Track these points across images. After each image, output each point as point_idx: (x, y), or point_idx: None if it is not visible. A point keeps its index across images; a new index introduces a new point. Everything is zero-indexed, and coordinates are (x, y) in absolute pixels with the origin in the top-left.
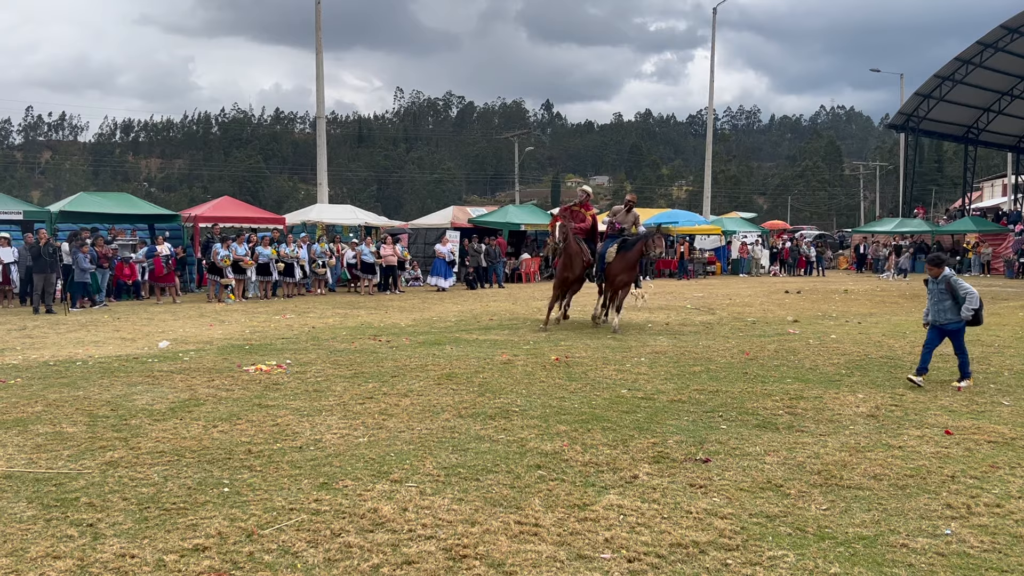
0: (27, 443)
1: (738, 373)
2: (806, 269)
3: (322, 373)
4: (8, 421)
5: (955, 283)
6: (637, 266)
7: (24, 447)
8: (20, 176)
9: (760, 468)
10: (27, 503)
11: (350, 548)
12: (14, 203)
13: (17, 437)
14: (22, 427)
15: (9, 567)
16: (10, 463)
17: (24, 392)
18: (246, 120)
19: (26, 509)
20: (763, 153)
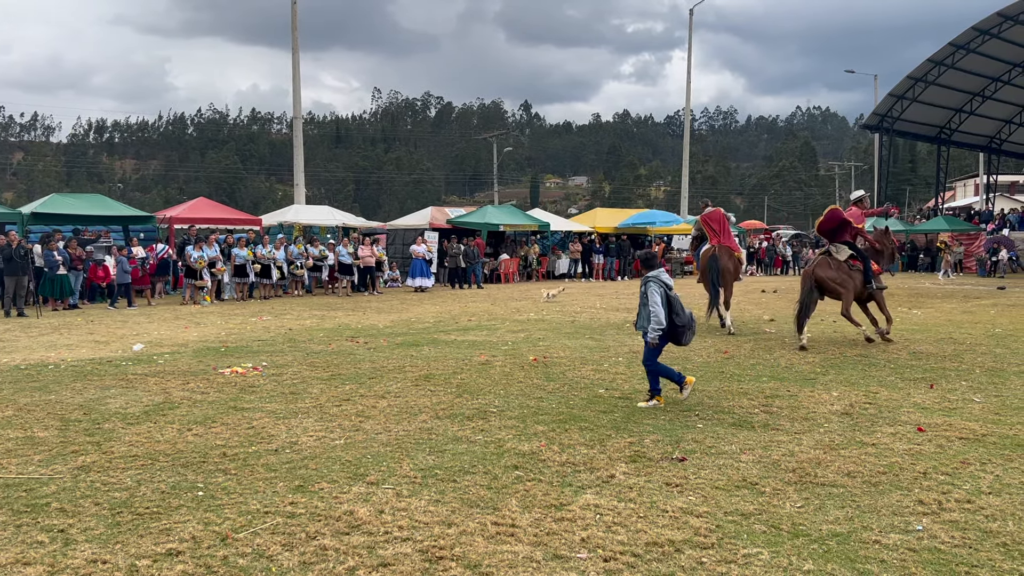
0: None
1: (715, 372)
2: (782, 268)
3: (299, 375)
4: None
5: (648, 292)
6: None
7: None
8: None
9: (736, 466)
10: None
11: (326, 551)
12: None
13: None
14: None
15: None
16: None
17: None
18: (222, 121)
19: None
20: (740, 153)
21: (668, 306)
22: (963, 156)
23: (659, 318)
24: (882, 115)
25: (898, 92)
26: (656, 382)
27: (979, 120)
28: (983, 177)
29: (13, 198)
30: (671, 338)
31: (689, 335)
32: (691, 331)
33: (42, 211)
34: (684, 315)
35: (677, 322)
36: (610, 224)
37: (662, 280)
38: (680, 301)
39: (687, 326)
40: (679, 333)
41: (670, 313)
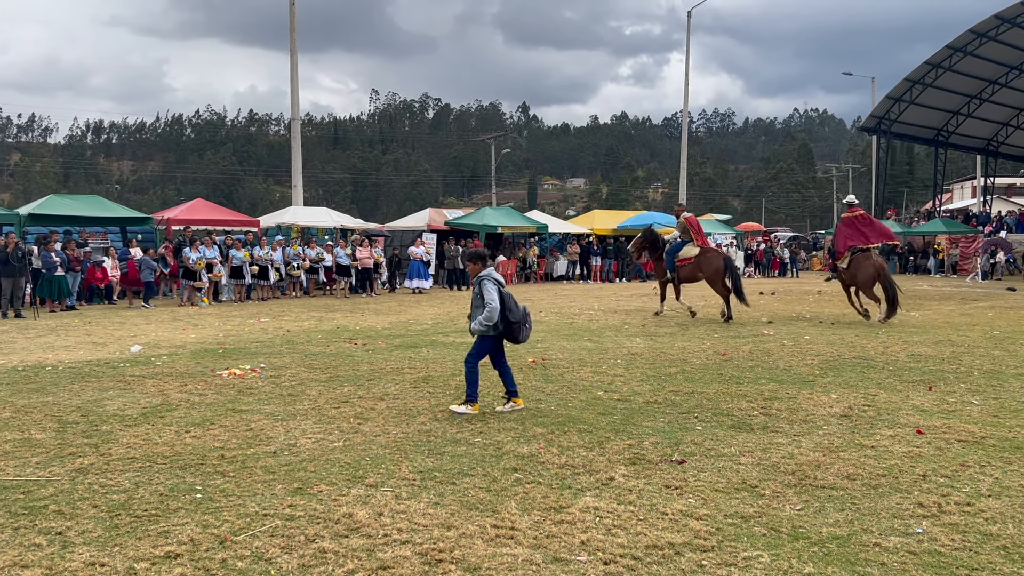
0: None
1: (713, 374)
2: (780, 270)
3: (297, 377)
4: None
5: (484, 288)
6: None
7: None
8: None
9: (735, 469)
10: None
11: (324, 554)
12: None
13: None
14: None
15: None
16: None
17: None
18: (220, 122)
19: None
20: (737, 155)
21: (502, 303)
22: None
23: (494, 314)
24: (879, 117)
25: (896, 94)
26: (475, 387)
27: (976, 123)
28: (980, 179)
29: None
30: (508, 336)
31: (526, 331)
32: (527, 327)
33: (39, 212)
34: (518, 311)
35: (512, 319)
36: (608, 226)
37: (495, 278)
38: (513, 298)
39: (522, 322)
40: (515, 330)
41: (504, 310)
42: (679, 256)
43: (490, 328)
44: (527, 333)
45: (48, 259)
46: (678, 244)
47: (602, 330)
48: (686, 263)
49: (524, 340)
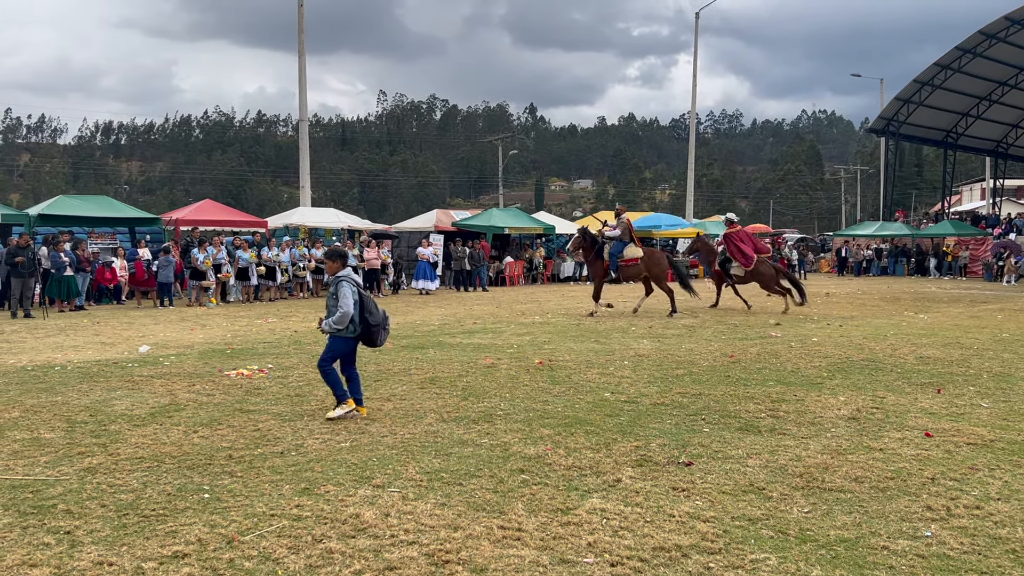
0: (3, 449)
1: (721, 376)
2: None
3: (304, 378)
4: None
5: (340, 289)
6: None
7: (1, 453)
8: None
9: (742, 471)
10: (3, 510)
11: (331, 554)
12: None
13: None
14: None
15: None
16: None
17: (1, 398)
18: (228, 123)
19: (2, 516)
20: (745, 157)
21: (361, 305)
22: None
23: (345, 318)
24: (888, 119)
25: (904, 96)
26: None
27: (986, 124)
28: (990, 181)
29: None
30: (365, 339)
31: (383, 335)
32: (385, 331)
33: (49, 213)
34: (377, 314)
35: (371, 321)
36: None
37: (353, 279)
38: (373, 300)
39: (381, 325)
40: (373, 333)
41: (363, 312)
42: (624, 257)
43: (344, 330)
44: (385, 337)
45: (57, 259)
46: (620, 245)
47: (609, 332)
48: (632, 263)
49: (382, 344)
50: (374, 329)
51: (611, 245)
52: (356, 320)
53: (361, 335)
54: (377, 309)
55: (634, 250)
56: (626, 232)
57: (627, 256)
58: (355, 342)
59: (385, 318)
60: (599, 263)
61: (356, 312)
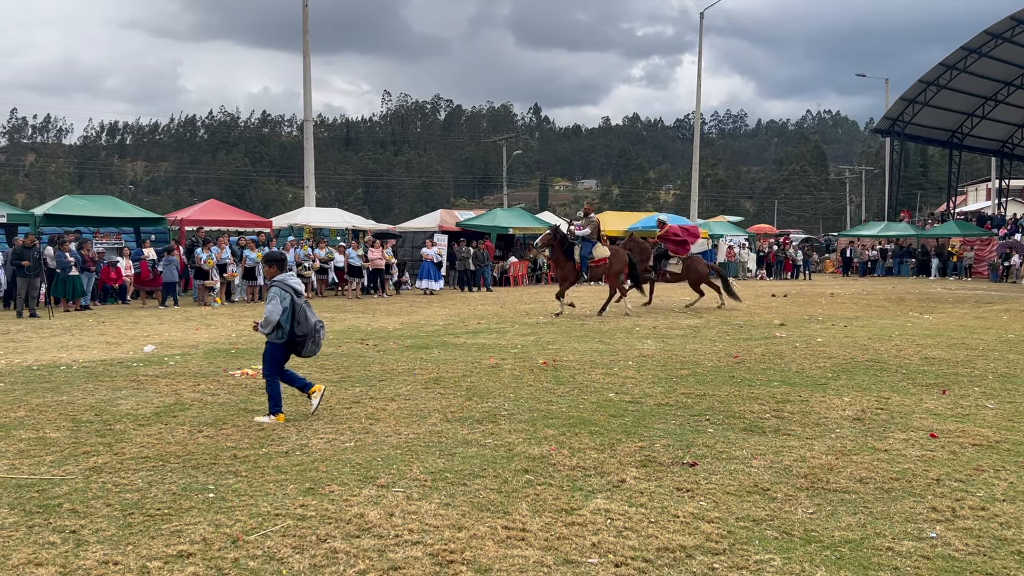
0: (9, 449)
1: (725, 376)
2: (792, 272)
3: (309, 378)
4: None
5: (270, 294)
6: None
7: (6, 453)
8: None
9: (747, 472)
10: (9, 509)
11: (336, 554)
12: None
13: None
14: (4, 432)
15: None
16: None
17: (7, 397)
18: (233, 123)
19: (8, 515)
20: (750, 157)
21: (292, 313)
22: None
23: (270, 320)
24: (893, 119)
25: (909, 96)
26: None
27: (991, 124)
28: (995, 181)
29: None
30: (291, 348)
31: (312, 346)
32: (314, 342)
33: (54, 213)
34: (307, 324)
35: (297, 331)
36: (620, 227)
37: (289, 284)
38: (308, 309)
39: (309, 335)
40: (298, 343)
41: (292, 321)
42: (593, 257)
43: (273, 335)
44: (312, 348)
45: (63, 259)
46: (589, 245)
47: (613, 332)
48: (600, 263)
49: (309, 355)
50: (299, 339)
51: (581, 245)
52: (284, 326)
53: (288, 344)
54: (308, 320)
55: (602, 250)
56: (595, 231)
57: (596, 256)
58: (287, 351)
59: (315, 330)
60: (569, 263)
61: (286, 319)
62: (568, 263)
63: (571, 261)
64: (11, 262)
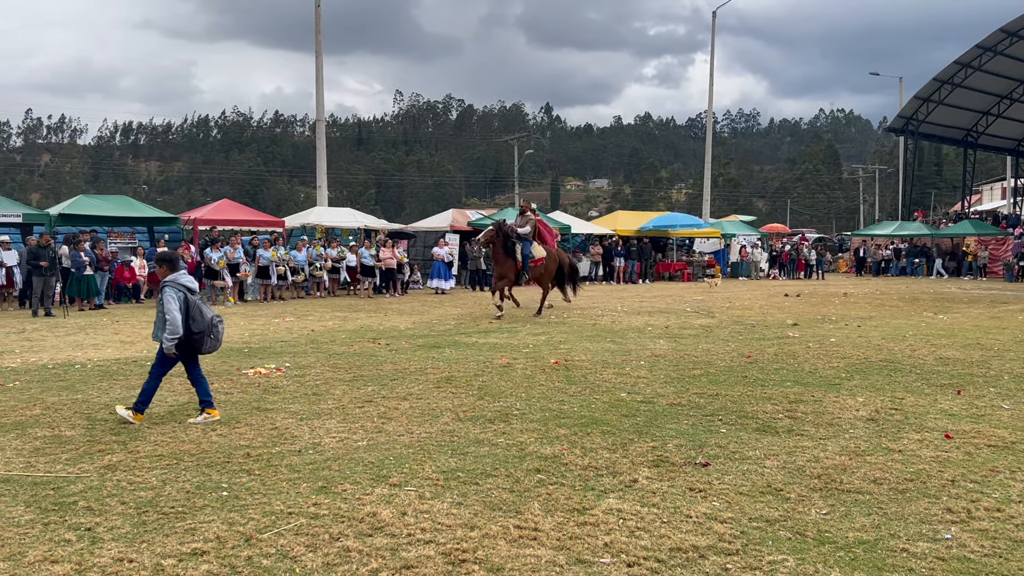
0: (25, 446)
1: (738, 376)
2: (805, 272)
3: (321, 376)
4: (6, 424)
5: (165, 297)
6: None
7: (22, 450)
8: (20, 179)
9: (760, 472)
10: (25, 507)
11: (349, 552)
12: (13, 206)
13: (15, 440)
14: (20, 430)
15: (7, 571)
16: (8, 466)
17: (22, 395)
18: (246, 123)
19: (24, 513)
20: (762, 156)
21: (187, 312)
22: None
23: (175, 325)
24: (907, 118)
25: (924, 95)
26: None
27: (1006, 123)
28: (1010, 180)
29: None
30: (188, 345)
31: (211, 342)
32: (213, 337)
33: (69, 212)
34: (203, 321)
35: (194, 328)
36: (631, 227)
37: (181, 283)
38: (202, 306)
39: (206, 332)
40: (195, 341)
41: (187, 319)
42: (533, 256)
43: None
44: (212, 344)
45: (77, 258)
46: (528, 244)
47: (625, 331)
48: (539, 263)
49: (209, 351)
50: (196, 336)
51: (522, 244)
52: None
53: (183, 342)
54: (203, 316)
55: (539, 250)
56: (534, 230)
57: (535, 256)
58: (184, 349)
59: (213, 325)
60: (510, 262)
61: (182, 318)
62: (508, 261)
63: (512, 259)
64: (27, 262)
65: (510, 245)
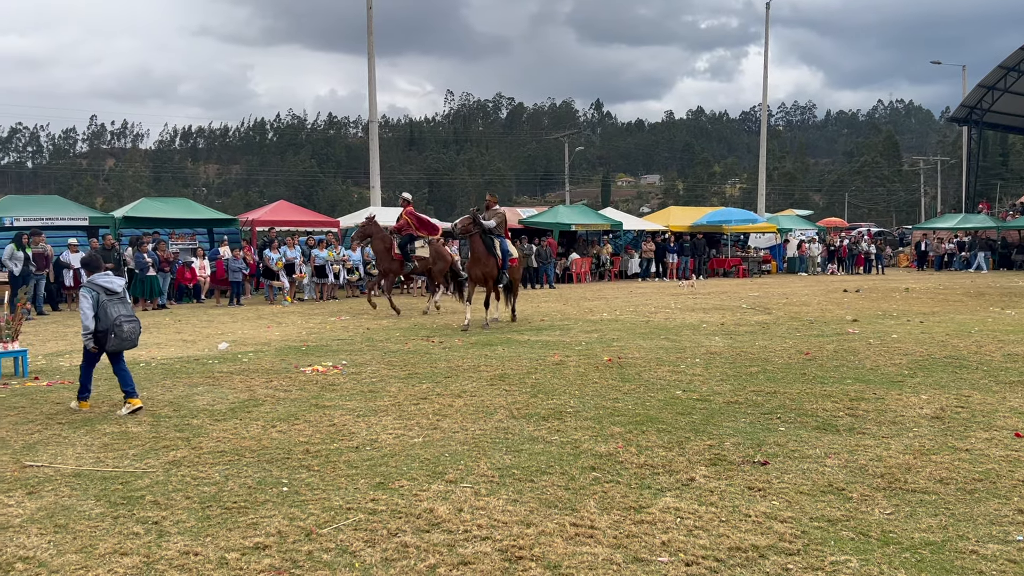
0: (94, 442)
1: (796, 374)
2: (865, 267)
3: (377, 374)
4: (76, 421)
5: (80, 298)
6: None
7: (92, 446)
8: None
9: (820, 471)
10: (95, 500)
11: (407, 548)
12: (80, 209)
13: (85, 436)
14: (89, 427)
15: (79, 563)
16: (79, 462)
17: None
18: (300, 125)
19: (94, 506)
20: (819, 149)
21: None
22: None
23: (84, 322)
24: (971, 107)
25: (988, 83)
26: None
27: None
28: None
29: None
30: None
31: (114, 340)
32: (116, 336)
33: (132, 215)
34: (107, 320)
35: (98, 327)
36: (684, 223)
37: (98, 284)
38: (112, 306)
39: (109, 330)
40: (99, 338)
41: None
42: (512, 255)
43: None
44: (116, 343)
45: (141, 260)
46: (504, 240)
47: (679, 328)
48: (515, 262)
49: (114, 349)
50: (99, 335)
51: (499, 240)
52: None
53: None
54: (108, 315)
55: (513, 248)
56: (502, 226)
57: (513, 254)
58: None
59: (116, 324)
60: (492, 260)
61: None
62: (490, 260)
63: (493, 257)
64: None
65: (490, 240)
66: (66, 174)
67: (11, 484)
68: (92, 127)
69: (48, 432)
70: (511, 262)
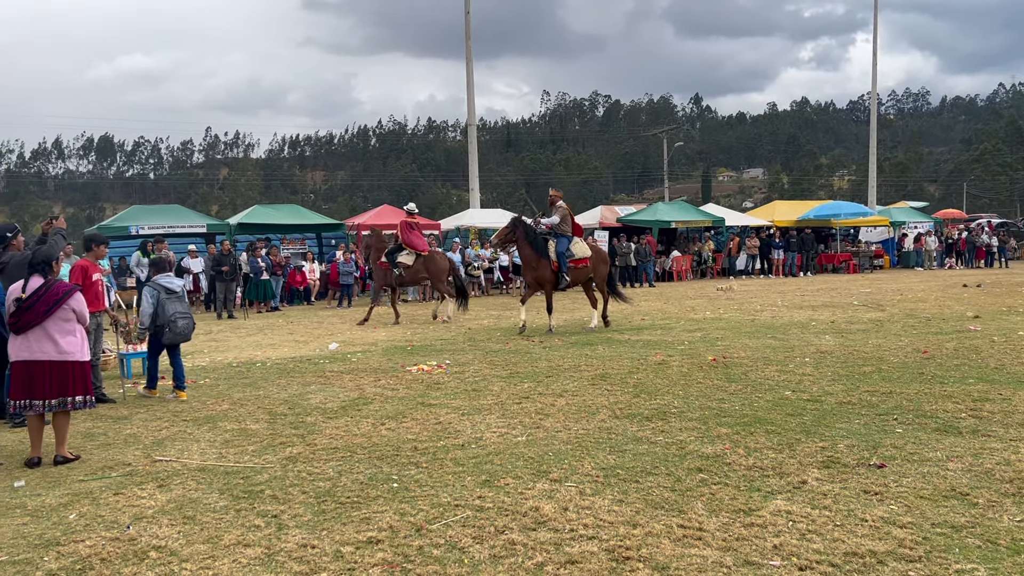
0: (217, 439)
1: (913, 373)
2: (986, 260)
3: (480, 373)
4: (200, 418)
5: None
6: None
7: (214, 442)
8: (202, 192)
9: (942, 475)
10: (219, 494)
11: (514, 545)
12: (198, 217)
13: (208, 433)
14: (212, 424)
15: (207, 552)
16: (203, 457)
17: (212, 391)
18: (401, 131)
19: (218, 500)
20: (933, 138)
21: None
22: None
23: (144, 316)
24: None
25: None
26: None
27: None
28: None
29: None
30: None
31: (169, 334)
32: (171, 331)
33: (246, 221)
34: (163, 316)
35: (156, 322)
36: (790, 217)
37: (159, 284)
38: (170, 303)
39: (164, 325)
40: (158, 331)
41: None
42: (573, 256)
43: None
44: (171, 337)
45: (255, 264)
46: (566, 240)
47: (787, 327)
48: (583, 264)
49: (168, 342)
50: (157, 327)
51: (556, 241)
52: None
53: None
54: (164, 312)
55: (582, 247)
56: (567, 222)
57: (578, 255)
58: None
59: (171, 320)
60: (544, 262)
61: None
62: (542, 262)
63: (545, 259)
64: (211, 268)
65: (540, 242)
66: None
67: (144, 477)
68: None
69: (174, 428)
70: (574, 263)
